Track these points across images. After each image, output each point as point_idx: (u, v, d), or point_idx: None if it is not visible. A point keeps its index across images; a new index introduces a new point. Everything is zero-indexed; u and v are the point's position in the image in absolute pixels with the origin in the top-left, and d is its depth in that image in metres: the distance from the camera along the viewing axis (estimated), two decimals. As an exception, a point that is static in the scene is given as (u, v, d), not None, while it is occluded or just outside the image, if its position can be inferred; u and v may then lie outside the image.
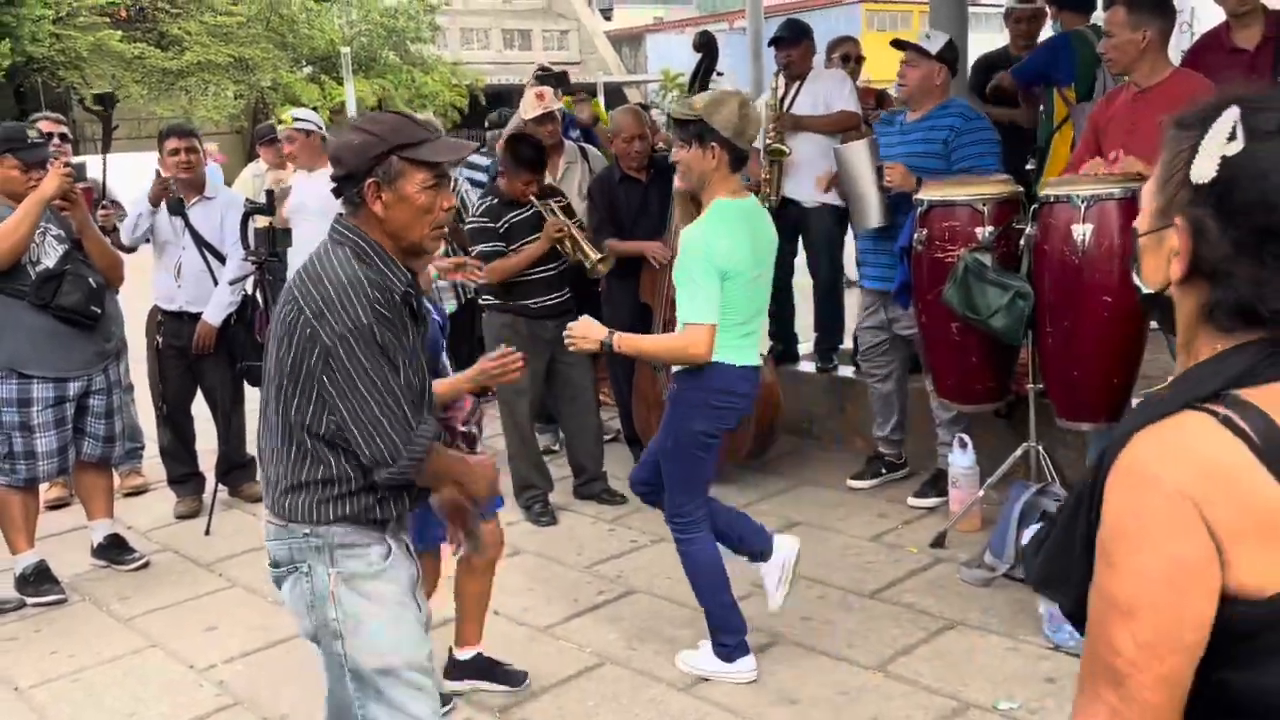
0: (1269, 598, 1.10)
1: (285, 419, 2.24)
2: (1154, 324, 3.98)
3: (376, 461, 2.20)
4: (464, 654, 3.52)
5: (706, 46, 5.21)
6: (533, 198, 4.83)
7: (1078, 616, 1.24)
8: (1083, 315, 3.74)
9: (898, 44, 4.66)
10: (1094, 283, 3.68)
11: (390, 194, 2.22)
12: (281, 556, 2.31)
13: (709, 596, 3.52)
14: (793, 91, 5.65)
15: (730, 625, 3.50)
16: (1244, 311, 1.18)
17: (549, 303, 4.90)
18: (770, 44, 5.72)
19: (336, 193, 2.30)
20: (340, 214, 2.31)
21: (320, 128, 5.69)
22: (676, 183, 4.76)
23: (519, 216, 4.85)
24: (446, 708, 3.28)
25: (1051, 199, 3.78)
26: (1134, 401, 4.27)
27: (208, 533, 5.05)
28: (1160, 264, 1.25)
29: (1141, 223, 1.29)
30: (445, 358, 3.29)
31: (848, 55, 6.42)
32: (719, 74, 5.28)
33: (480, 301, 5.05)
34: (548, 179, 5.18)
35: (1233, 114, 1.17)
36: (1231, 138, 1.16)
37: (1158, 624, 1.12)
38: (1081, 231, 3.67)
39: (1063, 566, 1.25)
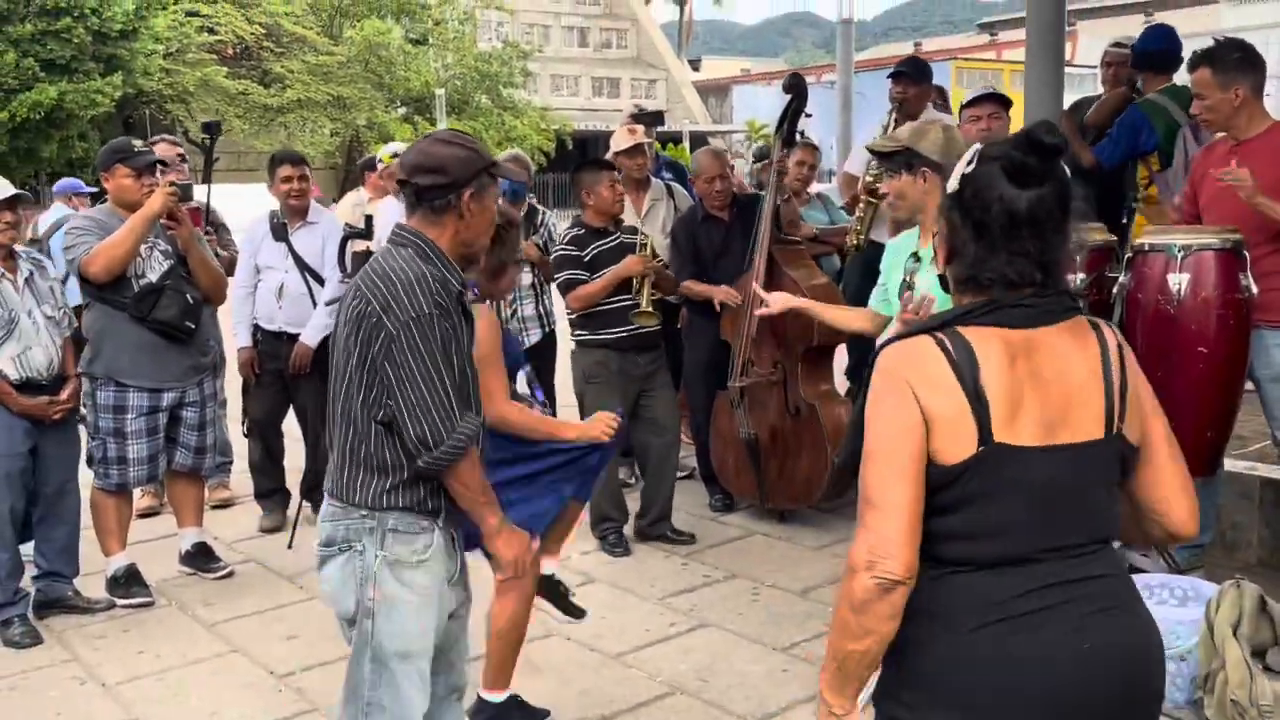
0: (950, 465, 1.66)
1: (349, 406, 2.40)
2: (1249, 385, 3.94)
3: (419, 443, 2.33)
4: (494, 696, 3.35)
5: (796, 88, 5.25)
6: (640, 233, 4.94)
7: (844, 467, 1.90)
8: (1176, 366, 3.67)
9: (980, 100, 4.72)
10: (1189, 334, 3.62)
11: (477, 204, 2.46)
12: (336, 536, 2.45)
13: None
14: None
15: None
16: (972, 279, 1.76)
17: (638, 332, 4.93)
18: (890, 77, 5.76)
19: (419, 195, 2.44)
20: (399, 222, 2.49)
21: None
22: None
23: (604, 246, 4.91)
24: None
25: (1147, 248, 3.73)
26: (1226, 462, 4.19)
27: (290, 546, 5.17)
28: (942, 253, 1.85)
29: (936, 226, 1.88)
30: (523, 382, 3.37)
31: (935, 104, 6.44)
32: (808, 114, 5.32)
33: (572, 338, 5.11)
34: (628, 219, 5.26)
35: (975, 148, 1.79)
36: (970, 163, 1.77)
37: (890, 462, 1.67)
38: (1177, 281, 3.62)
39: (849, 440, 1.81)
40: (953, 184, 1.79)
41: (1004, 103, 4.75)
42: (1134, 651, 1.75)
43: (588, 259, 4.90)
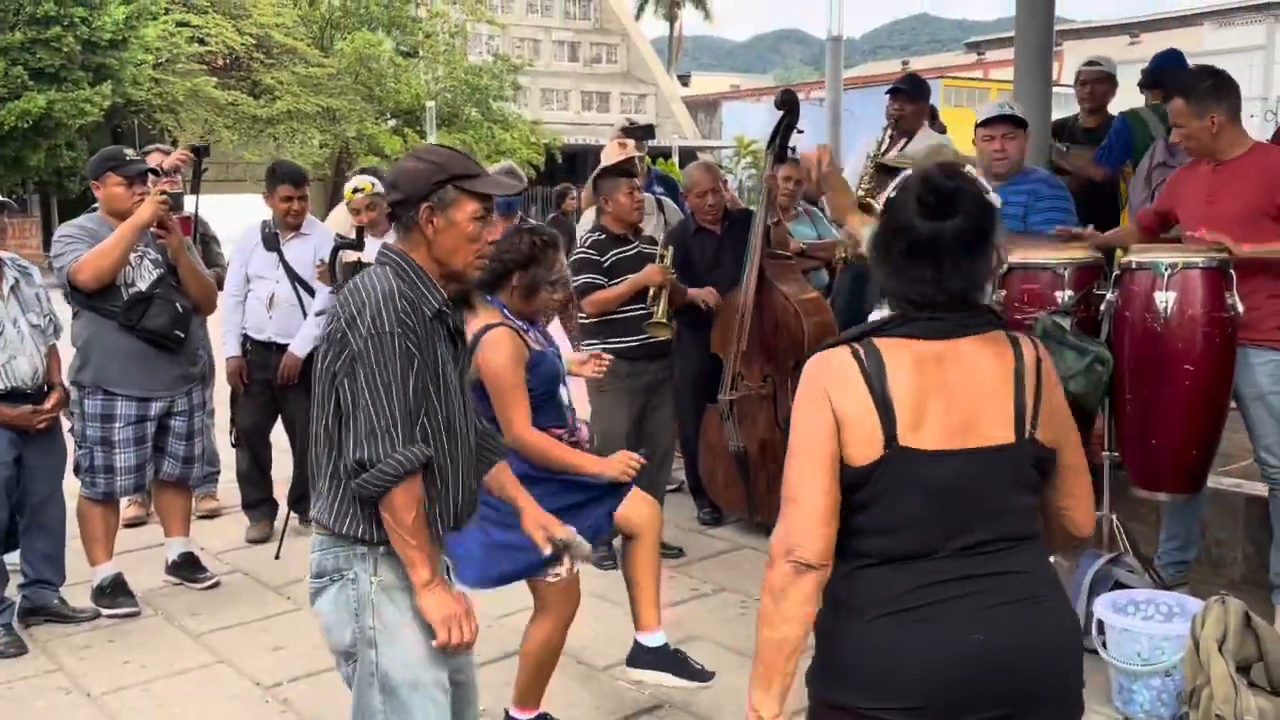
0: (858, 466, 1.80)
1: (327, 427, 2.30)
2: (1234, 404, 3.97)
3: (357, 463, 2.22)
4: (524, 715, 3.39)
5: (788, 104, 5.28)
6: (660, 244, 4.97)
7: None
8: (1163, 383, 3.71)
9: (993, 120, 4.71)
10: (1176, 351, 3.66)
11: (442, 219, 2.34)
12: (328, 565, 2.36)
13: None
14: (898, 147, 5.71)
15: None
16: (888, 294, 1.90)
17: (649, 341, 4.93)
18: (888, 93, 5.79)
19: (391, 216, 2.43)
20: (386, 242, 2.44)
21: None
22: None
23: (624, 254, 4.93)
24: None
25: (1134, 266, 3.77)
26: (1211, 479, 4.21)
27: (277, 557, 5.15)
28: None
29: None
30: (565, 392, 3.44)
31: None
32: (799, 131, 5.35)
33: (581, 345, 5.12)
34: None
35: (907, 173, 1.90)
36: (896, 188, 1.88)
37: (807, 461, 1.82)
38: (1164, 299, 3.66)
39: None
40: (880, 205, 1.93)
41: (1018, 123, 4.72)
42: (1038, 647, 1.81)
43: (607, 265, 4.92)
